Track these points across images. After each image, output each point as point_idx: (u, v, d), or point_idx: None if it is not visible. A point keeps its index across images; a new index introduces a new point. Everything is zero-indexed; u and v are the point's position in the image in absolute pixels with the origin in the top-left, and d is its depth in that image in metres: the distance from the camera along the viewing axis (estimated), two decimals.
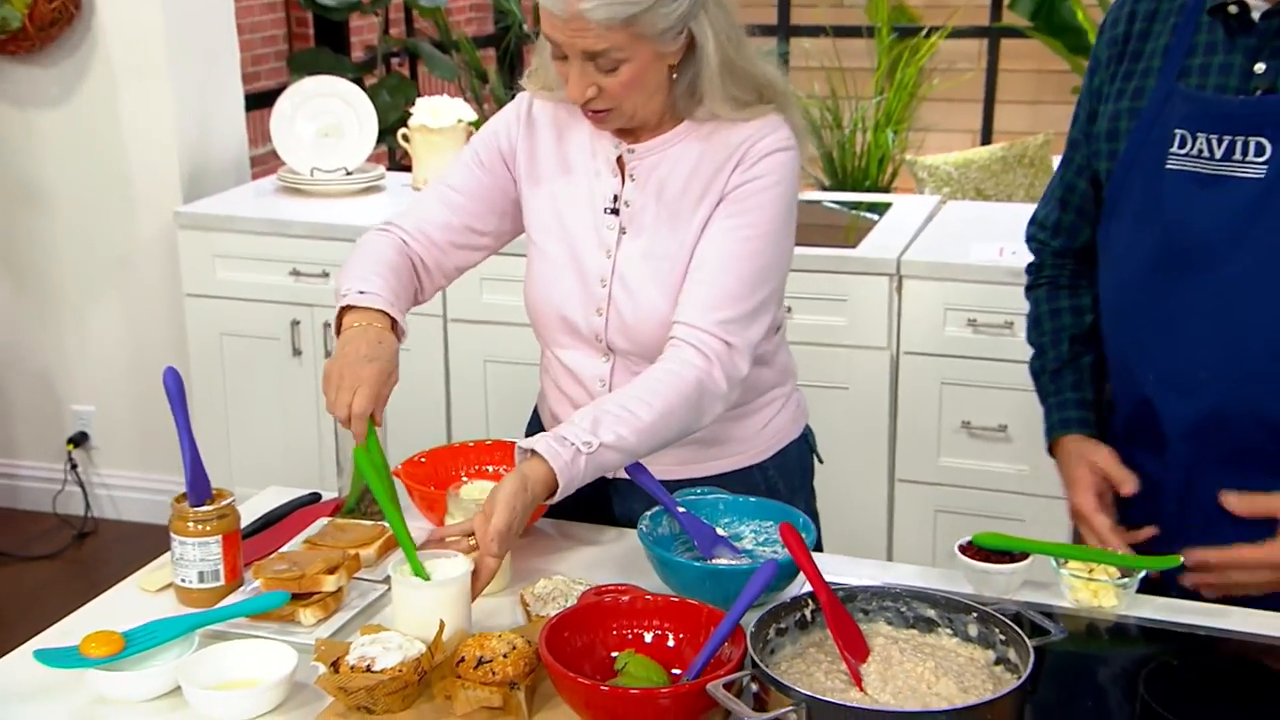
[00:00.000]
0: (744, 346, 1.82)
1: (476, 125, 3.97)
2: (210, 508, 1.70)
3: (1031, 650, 1.41)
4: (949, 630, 1.51)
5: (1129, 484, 1.90)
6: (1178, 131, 1.75)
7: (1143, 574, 1.73)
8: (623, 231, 1.90)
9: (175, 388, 1.76)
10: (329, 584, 1.67)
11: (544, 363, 2.09)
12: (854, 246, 3.35)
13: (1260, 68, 1.70)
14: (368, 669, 1.45)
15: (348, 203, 3.80)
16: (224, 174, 3.98)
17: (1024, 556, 1.74)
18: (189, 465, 1.74)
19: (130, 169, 3.84)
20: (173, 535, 1.70)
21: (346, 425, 1.74)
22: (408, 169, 4.11)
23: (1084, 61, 5.83)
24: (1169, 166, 1.76)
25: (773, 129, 1.86)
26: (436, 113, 3.85)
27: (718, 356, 1.79)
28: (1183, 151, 1.75)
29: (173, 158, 3.80)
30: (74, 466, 4.07)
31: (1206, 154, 1.73)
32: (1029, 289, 2.09)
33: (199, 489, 1.72)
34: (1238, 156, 1.71)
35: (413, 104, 4.01)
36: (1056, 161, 5.28)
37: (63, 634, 1.62)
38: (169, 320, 3.89)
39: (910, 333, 3.27)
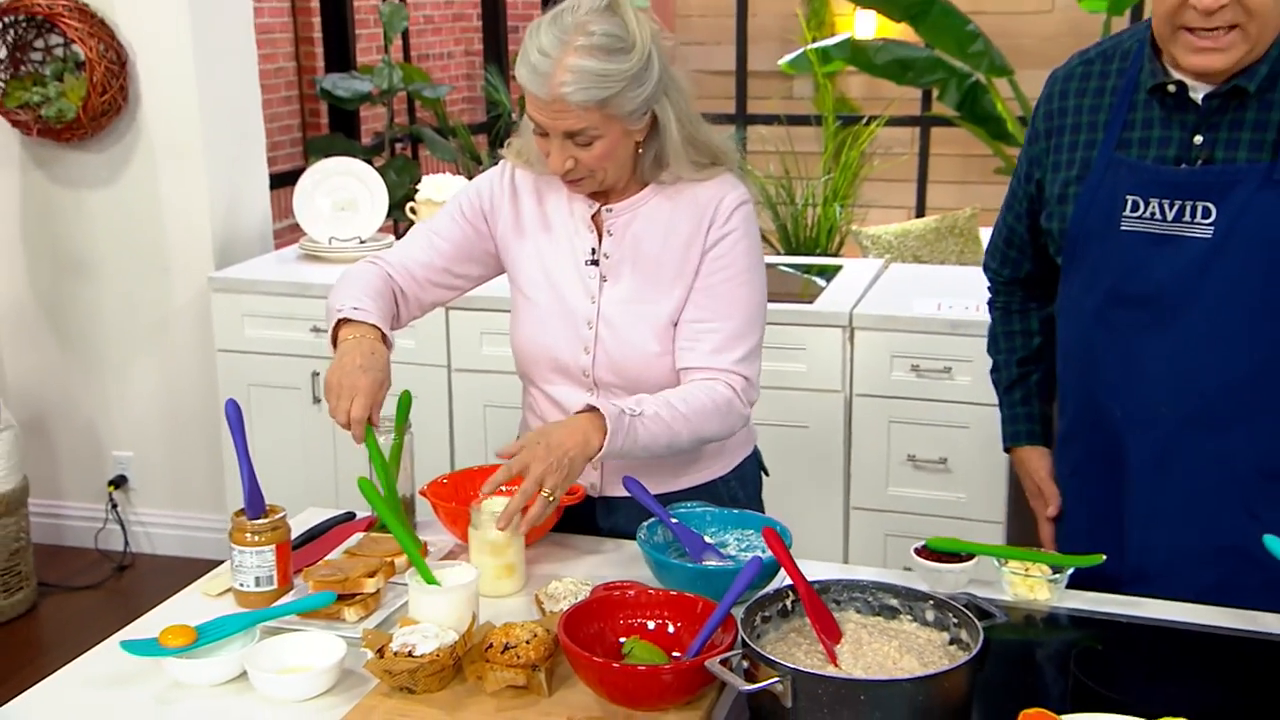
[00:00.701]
0: (755, 376, 1.95)
1: None
2: (265, 521, 1.74)
3: (981, 631, 1.47)
4: (909, 616, 1.56)
5: (1053, 507, 2.00)
6: (1129, 197, 1.77)
7: (1071, 570, 1.78)
8: (603, 280, 1.95)
9: (235, 417, 1.81)
10: (369, 586, 1.70)
11: (528, 399, 2.11)
12: (811, 303, 3.39)
13: (1199, 140, 1.73)
14: (409, 654, 1.49)
15: None
16: (251, 244, 4.01)
17: (970, 557, 1.78)
18: (247, 484, 1.78)
19: (168, 240, 3.87)
20: (232, 545, 1.73)
21: (347, 429, 1.78)
22: None
23: (1004, 146, 5.95)
24: (1124, 228, 1.77)
25: (732, 186, 1.94)
26: (440, 188, 3.91)
27: (741, 390, 1.91)
28: (1136, 214, 1.76)
29: (206, 230, 3.83)
30: (114, 506, 4.07)
31: (1159, 217, 1.75)
32: (990, 306, 2.16)
33: (255, 505, 1.76)
34: (1187, 219, 1.73)
35: (417, 182, 4.07)
36: (983, 231, 5.39)
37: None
38: (201, 374, 3.91)
39: (861, 377, 3.31)
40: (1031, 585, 1.76)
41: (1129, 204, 1.77)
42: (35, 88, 3.68)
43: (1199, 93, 1.72)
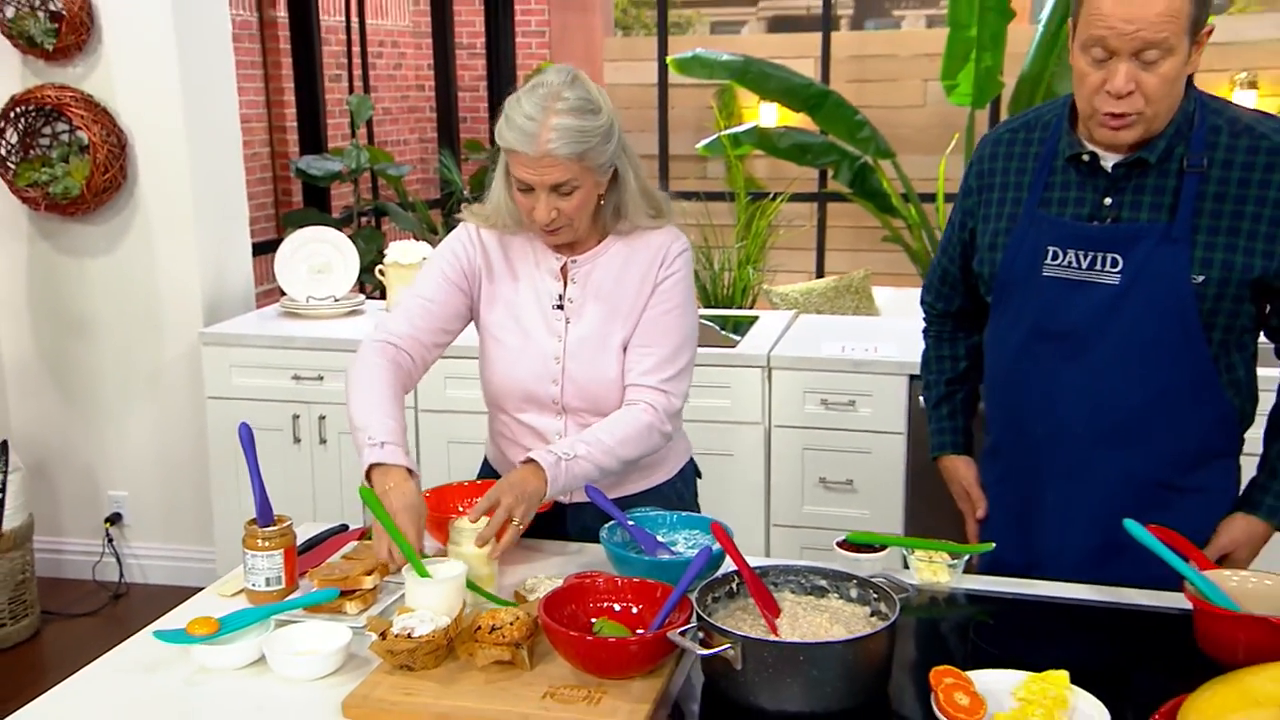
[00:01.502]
0: (678, 395, 1.99)
1: None
2: (274, 528, 1.75)
3: (898, 602, 1.54)
4: (836, 594, 1.61)
5: (981, 509, 2.04)
6: (1050, 247, 1.79)
7: (966, 557, 1.85)
8: (568, 320, 2.01)
9: (247, 438, 1.83)
10: (368, 582, 1.73)
11: (498, 426, 2.12)
12: (733, 347, 3.46)
13: (1109, 201, 1.76)
14: (409, 636, 1.51)
15: (336, 322, 3.84)
16: (235, 303, 4.00)
17: (883, 548, 1.85)
18: (258, 496, 1.79)
19: (161, 301, 3.85)
20: (245, 550, 1.74)
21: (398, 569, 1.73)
22: (380, 297, 4.18)
23: (890, 218, 6.09)
24: (1045, 274, 1.80)
25: (675, 236, 2.04)
26: (406, 252, 3.92)
27: (662, 406, 1.96)
28: (1055, 263, 1.79)
29: (196, 291, 3.83)
30: (110, 541, 4.00)
31: (1075, 265, 1.78)
32: (924, 335, 2.17)
33: (265, 514, 1.77)
34: (1099, 267, 1.76)
35: (382, 249, 4.10)
36: (875, 290, 5.51)
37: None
38: (191, 419, 3.88)
39: (778, 411, 3.38)
40: (935, 570, 1.83)
41: (1049, 253, 1.80)
42: (44, 168, 3.67)
43: (1109, 161, 1.76)
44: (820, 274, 6.80)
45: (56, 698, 1.52)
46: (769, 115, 7.00)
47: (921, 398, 2.20)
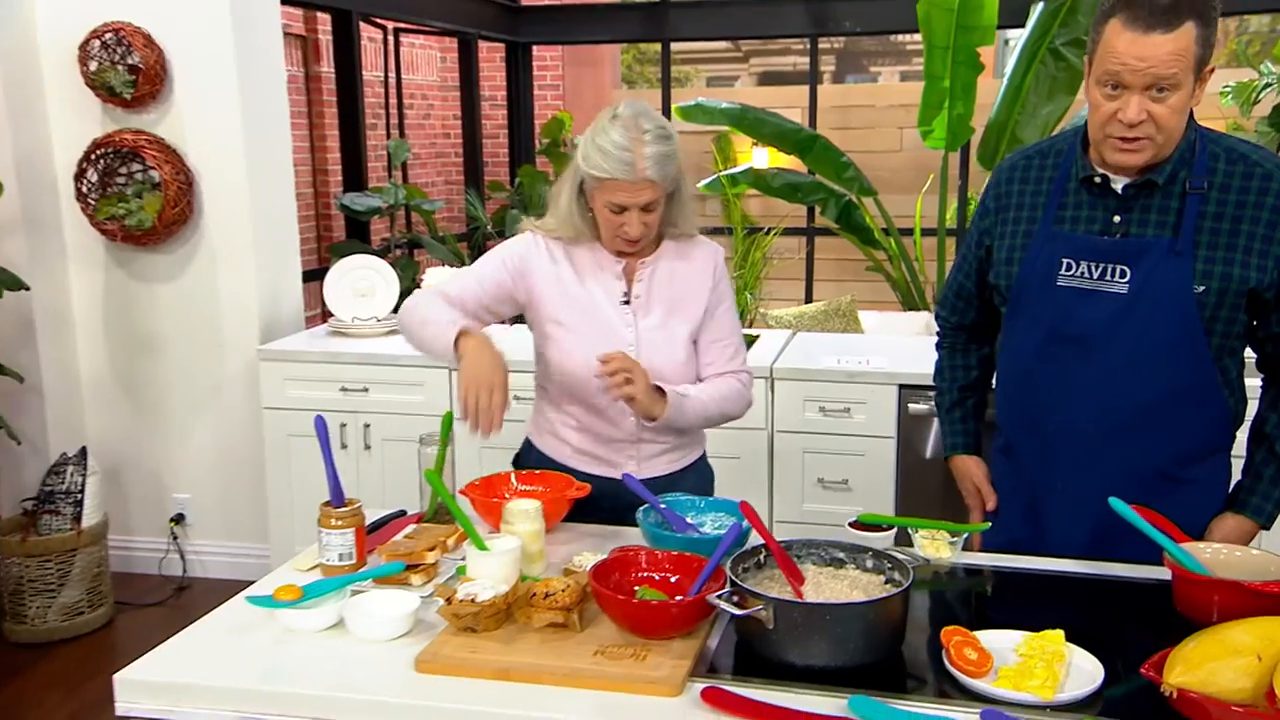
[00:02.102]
0: (748, 372, 2.17)
1: None
2: (347, 509, 1.77)
3: (911, 570, 1.56)
4: (853, 565, 1.63)
5: (991, 501, 2.04)
6: (1065, 259, 1.80)
7: (965, 535, 1.87)
8: (635, 314, 2.07)
9: (322, 429, 1.84)
10: (430, 557, 1.75)
11: (561, 416, 2.11)
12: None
13: (1118, 219, 1.77)
14: (473, 601, 1.53)
15: (378, 340, 3.87)
16: (288, 323, 4.03)
17: (890, 528, 1.87)
18: (331, 481, 1.80)
19: (222, 322, 3.88)
20: (320, 529, 1.75)
21: (489, 421, 1.84)
22: None
23: (872, 250, 6.14)
24: (1059, 284, 1.80)
25: (715, 248, 2.16)
26: (441, 277, 3.97)
27: (747, 383, 2.16)
28: (1069, 273, 1.79)
29: (254, 313, 3.86)
30: (175, 538, 4.01)
31: (1087, 275, 1.78)
32: (938, 347, 2.17)
33: (338, 496, 1.78)
34: (1108, 278, 1.76)
35: (417, 276, 4.13)
36: (861, 314, 5.52)
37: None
38: (248, 428, 3.90)
39: (781, 417, 3.40)
40: (937, 546, 1.85)
41: (1064, 265, 1.80)
42: (120, 203, 3.70)
43: (1119, 183, 1.78)
44: (809, 300, 6.82)
45: (163, 655, 1.53)
46: (762, 158, 7.06)
47: (935, 403, 2.19)
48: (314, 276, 4.69)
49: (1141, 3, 1.63)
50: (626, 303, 2.07)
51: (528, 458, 2.22)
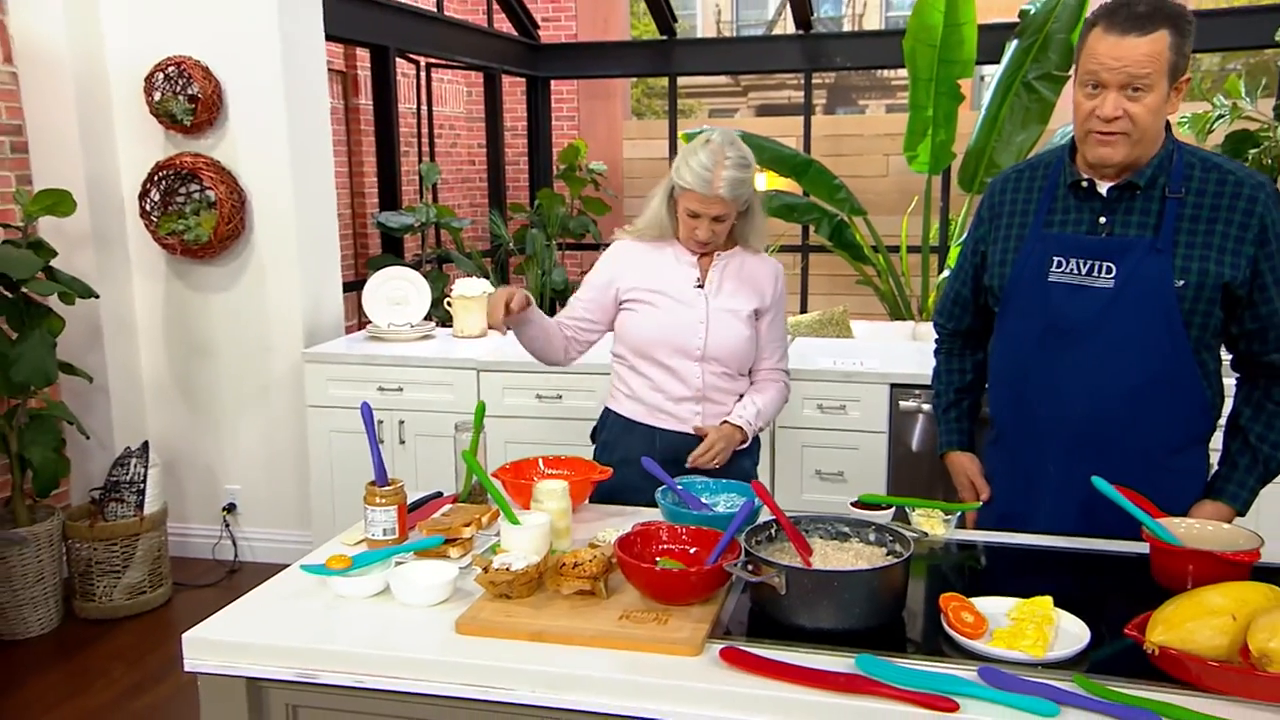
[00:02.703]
0: (789, 372, 2.36)
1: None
2: (390, 488, 1.76)
3: (911, 541, 1.55)
4: (857, 538, 1.62)
5: (985, 494, 2.01)
6: (1055, 257, 1.80)
7: (959, 514, 1.86)
8: (707, 297, 2.20)
9: (368, 415, 1.83)
10: (466, 533, 1.74)
11: (637, 379, 2.26)
12: None
13: (1103, 220, 1.78)
14: (507, 569, 1.53)
15: (411, 344, 3.86)
16: (329, 329, 4.03)
17: (889, 507, 1.86)
18: (376, 462, 1.80)
19: (270, 328, 3.88)
20: (366, 506, 1.75)
21: (507, 315, 2.03)
22: (447, 325, 4.21)
23: (863, 266, 6.13)
24: (1050, 279, 1.80)
25: (777, 263, 2.30)
26: (469, 287, 3.97)
27: (787, 380, 2.35)
28: (1059, 270, 1.79)
29: (299, 319, 3.86)
30: (226, 526, 4.01)
31: (1076, 271, 1.78)
32: (935, 353, 2.15)
33: (382, 476, 1.78)
34: (1095, 274, 1.76)
35: (446, 288, 4.14)
36: (853, 323, 5.48)
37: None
38: (294, 425, 3.90)
39: (782, 414, 3.26)
40: (933, 523, 1.84)
41: (1055, 262, 1.80)
42: (180, 220, 3.71)
43: (1104, 187, 1.78)
44: (804, 311, 6.81)
45: (227, 618, 1.53)
46: (760, 181, 7.05)
47: (933, 404, 2.17)
48: (352, 288, 4.70)
49: (1120, 11, 1.67)
50: (700, 286, 2.23)
51: (605, 424, 2.34)
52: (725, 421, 2.23)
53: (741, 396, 2.28)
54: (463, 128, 7.96)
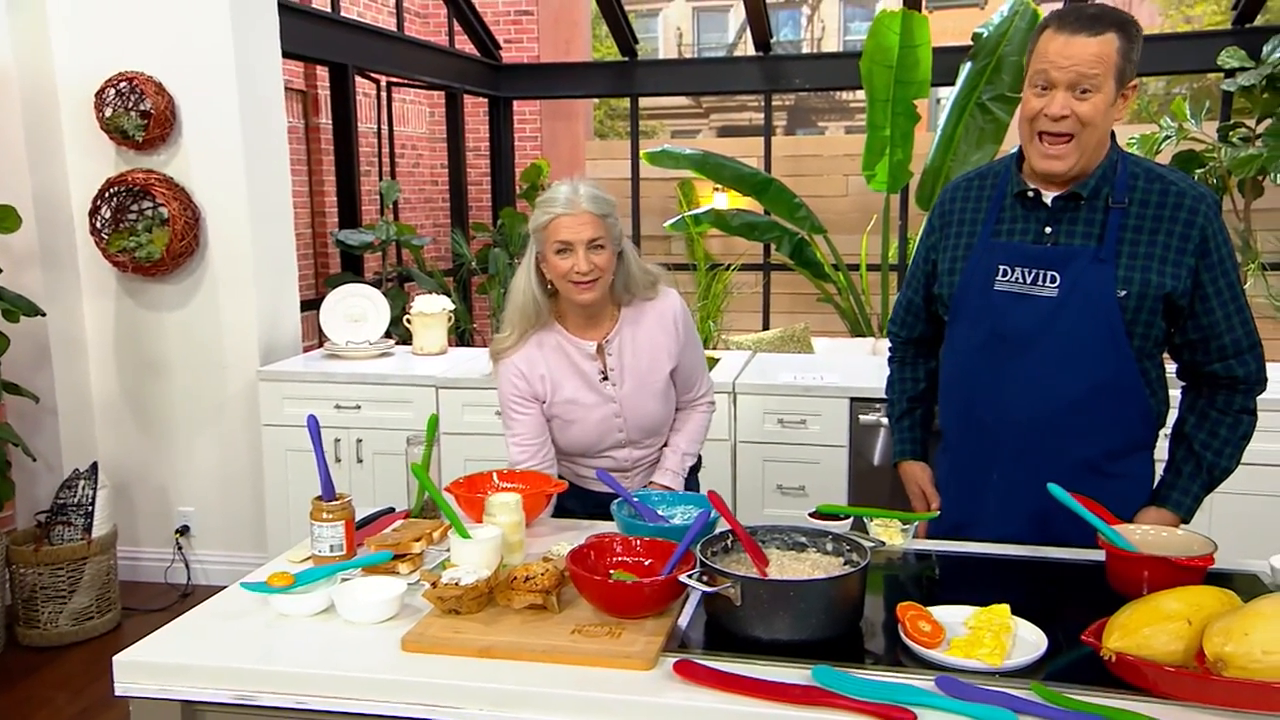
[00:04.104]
0: (712, 393, 2.30)
1: (455, 312, 4.08)
2: (337, 503, 1.72)
3: (868, 551, 1.52)
4: (814, 548, 1.59)
5: (935, 503, 2.00)
6: (1001, 265, 1.79)
7: (915, 524, 1.84)
8: (614, 385, 2.10)
9: (314, 427, 1.79)
10: (416, 548, 1.69)
11: (576, 468, 2.18)
12: None
13: (1049, 229, 1.77)
14: (456, 584, 1.48)
15: (369, 362, 3.80)
16: (286, 347, 3.95)
17: (847, 517, 1.84)
18: (323, 477, 1.75)
19: (224, 346, 3.80)
20: (311, 522, 1.70)
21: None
22: (407, 343, 4.15)
23: (824, 284, 6.15)
24: (996, 288, 1.79)
25: (670, 296, 2.16)
26: (429, 304, 3.93)
27: (711, 405, 2.30)
28: (1005, 279, 1.79)
29: (254, 337, 3.77)
30: (179, 549, 3.89)
31: (1021, 280, 1.77)
32: (889, 362, 2.14)
33: (329, 491, 1.73)
34: (1040, 283, 1.76)
35: (406, 306, 4.08)
36: (815, 341, 5.51)
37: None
38: (249, 445, 3.81)
39: (743, 428, 3.36)
40: (890, 533, 1.81)
41: (1001, 271, 1.80)
42: (131, 237, 3.62)
43: (1049, 197, 1.78)
44: (766, 328, 6.82)
45: (163, 638, 1.46)
46: (722, 201, 7.09)
47: (887, 413, 2.16)
48: (312, 306, 4.62)
49: (1070, 14, 1.68)
50: (605, 378, 2.11)
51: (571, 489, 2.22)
52: (652, 482, 2.17)
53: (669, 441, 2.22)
54: (426, 147, 7.91)
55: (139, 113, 3.58)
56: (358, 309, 4.02)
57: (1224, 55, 5.10)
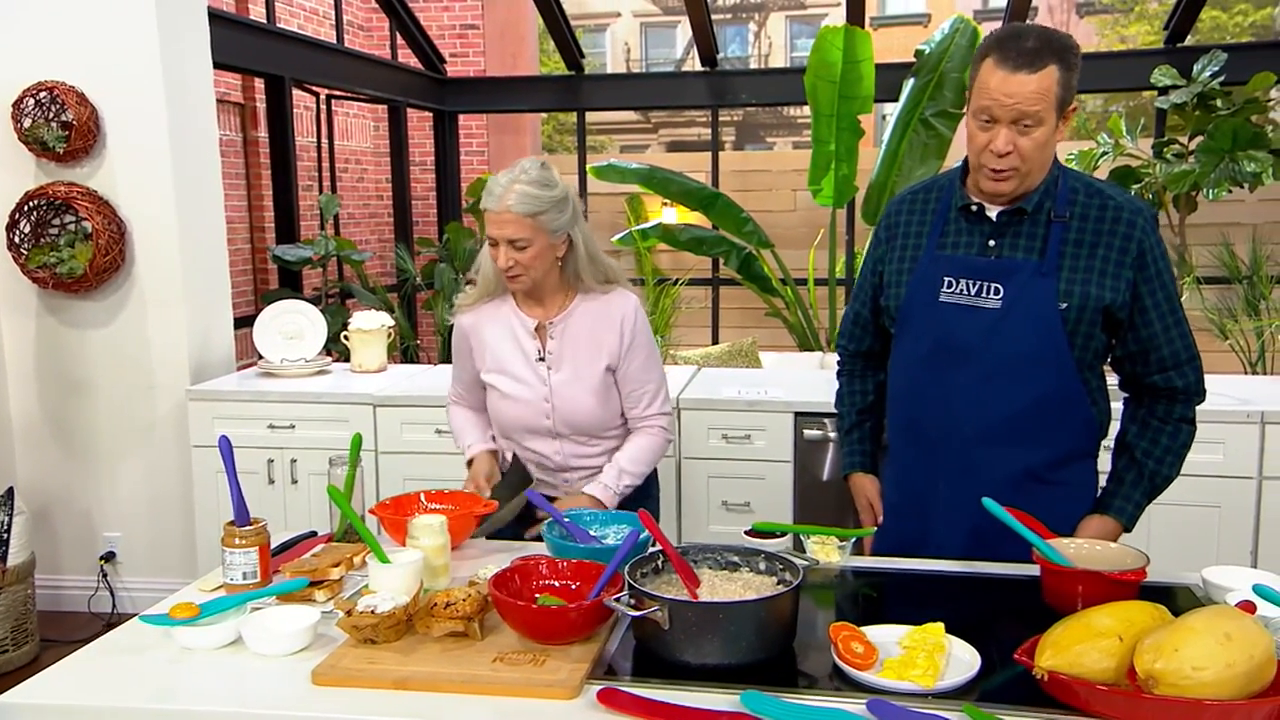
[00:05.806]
0: (669, 411, 2.20)
1: (399, 329, 4.00)
2: (250, 528, 1.65)
3: (801, 570, 1.49)
4: (747, 568, 1.56)
5: (880, 518, 1.98)
6: (946, 278, 1.80)
7: (854, 540, 1.82)
8: (550, 369, 2.07)
9: (226, 449, 1.72)
10: (334, 574, 1.63)
11: (502, 443, 2.19)
12: None
13: (993, 243, 1.78)
14: (372, 612, 1.43)
15: (306, 380, 3.70)
16: (219, 366, 3.83)
17: (783, 535, 1.80)
18: (235, 501, 1.68)
19: (153, 365, 3.67)
20: (224, 548, 1.63)
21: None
22: (345, 360, 4.05)
23: (772, 298, 6.16)
24: (941, 300, 1.80)
25: (626, 298, 2.11)
26: (368, 320, 3.84)
27: (665, 425, 2.17)
28: (950, 290, 1.79)
29: (184, 356, 3.66)
30: (104, 576, 3.75)
31: (966, 292, 1.78)
32: (838, 375, 2.12)
33: (243, 516, 1.66)
34: (984, 295, 1.77)
35: (347, 321, 4.00)
36: (762, 354, 5.51)
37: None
38: (178, 467, 3.68)
39: (688, 445, 3.32)
40: (827, 551, 1.79)
41: (946, 283, 1.80)
42: (52, 253, 3.49)
43: (993, 211, 1.80)
44: (715, 343, 6.80)
45: (51, 677, 1.38)
46: (670, 217, 7.08)
47: (836, 425, 2.13)
48: (249, 324, 4.50)
49: (1010, 45, 1.67)
50: (542, 359, 2.09)
51: (516, 463, 2.20)
52: (584, 493, 2.08)
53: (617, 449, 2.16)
54: (370, 161, 7.80)
55: (60, 123, 3.46)
56: (294, 325, 3.93)
57: (1157, 74, 5.21)
